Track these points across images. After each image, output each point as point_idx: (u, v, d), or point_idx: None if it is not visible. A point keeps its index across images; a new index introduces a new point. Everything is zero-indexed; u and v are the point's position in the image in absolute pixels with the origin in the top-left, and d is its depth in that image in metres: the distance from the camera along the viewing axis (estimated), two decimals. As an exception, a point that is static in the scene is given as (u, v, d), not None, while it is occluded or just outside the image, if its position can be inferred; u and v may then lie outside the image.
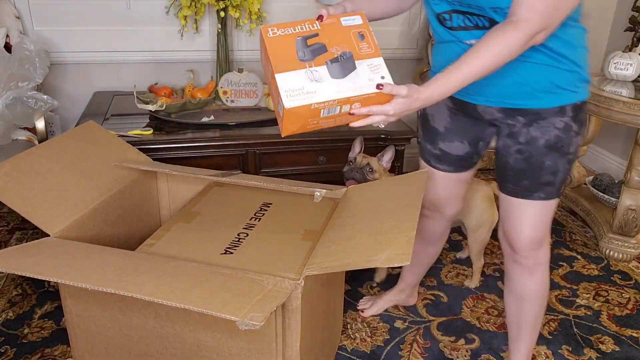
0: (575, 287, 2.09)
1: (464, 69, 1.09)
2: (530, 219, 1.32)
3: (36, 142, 2.00)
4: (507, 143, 1.29)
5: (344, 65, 1.14)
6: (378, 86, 1.10)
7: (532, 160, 1.26)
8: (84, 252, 1.25)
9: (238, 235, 1.39)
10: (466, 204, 1.83)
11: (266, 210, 1.53)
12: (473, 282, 2.06)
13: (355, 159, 1.90)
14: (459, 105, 1.36)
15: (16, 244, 2.22)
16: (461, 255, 2.27)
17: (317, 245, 1.29)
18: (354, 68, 1.14)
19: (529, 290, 1.43)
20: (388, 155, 1.91)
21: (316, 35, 1.16)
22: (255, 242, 1.37)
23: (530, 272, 1.40)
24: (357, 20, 1.23)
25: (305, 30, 1.16)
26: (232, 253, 1.31)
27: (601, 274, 2.19)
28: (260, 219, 1.48)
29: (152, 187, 1.72)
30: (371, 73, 1.15)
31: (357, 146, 1.94)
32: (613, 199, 2.38)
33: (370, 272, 2.12)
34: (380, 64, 1.17)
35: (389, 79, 1.13)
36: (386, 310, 1.91)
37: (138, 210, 1.64)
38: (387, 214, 1.32)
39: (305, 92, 1.08)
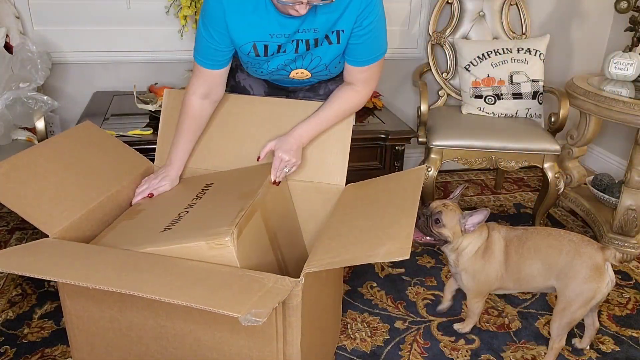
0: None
1: (322, 118, 1.53)
2: None
3: (36, 142, 2.00)
4: (307, 95, 1.72)
5: None
6: (258, 159, 1.55)
7: None
8: (84, 252, 1.25)
9: (179, 215, 1.37)
10: (564, 266, 1.57)
11: (207, 189, 1.51)
12: None
13: (430, 204, 1.63)
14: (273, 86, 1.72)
15: (16, 244, 2.22)
16: (581, 345, 1.77)
17: (317, 243, 1.29)
18: None
19: None
20: (477, 219, 1.58)
21: None
22: (194, 215, 1.36)
23: None
24: None
25: None
26: (170, 229, 1.30)
27: (601, 274, 2.19)
28: (201, 197, 1.46)
29: None
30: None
31: (456, 191, 1.70)
32: (613, 199, 2.38)
33: (370, 273, 2.12)
34: None
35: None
36: (386, 310, 1.91)
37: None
38: (386, 209, 1.34)
39: None
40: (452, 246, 1.65)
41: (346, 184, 1.61)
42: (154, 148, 1.92)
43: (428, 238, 1.64)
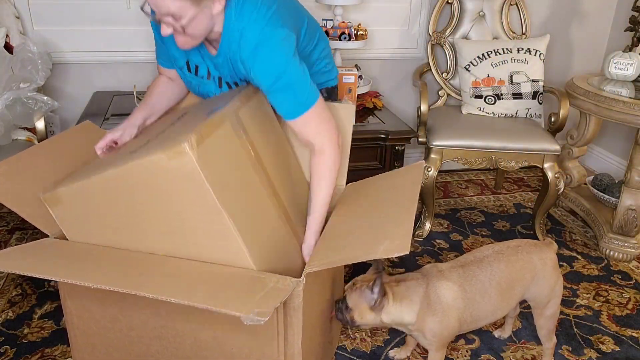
0: (575, 287, 2.09)
1: (317, 219, 1.40)
2: None
3: (36, 142, 2.00)
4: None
5: None
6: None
7: None
8: (84, 252, 1.25)
9: (147, 140, 1.31)
10: (533, 277, 1.51)
11: (182, 117, 1.45)
12: None
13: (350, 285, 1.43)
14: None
15: (16, 244, 2.22)
16: (501, 334, 1.81)
17: (318, 243, 1.28)
18: None
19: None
20: (376, 287, 1.36)
21: None
22: (161, 138, 1.29)
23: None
24: (351, 79, 1.94)
25: None
26: (135, 152, 1.23)
27: (601, 274, 2.19)
28: (174, 124, 1.38)
29: None
30: None
31: (375, 263, 1.47)
32: (613, 199, 2.38)
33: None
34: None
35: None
36: (386, 310, 1.91)
37: None
38: (385, 207, 1.32)
39: None
40: (382, 324, 1.42)
41: (346, 184, 1.62)
42: (154, 148, 1.93)
43: (351, 325, 1.42)
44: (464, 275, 1.45)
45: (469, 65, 2.46)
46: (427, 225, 2.40)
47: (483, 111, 2.47)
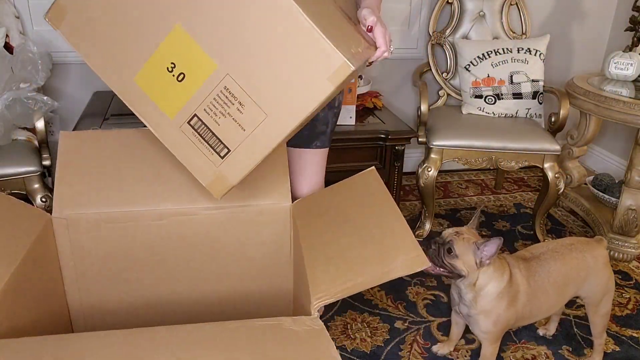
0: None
1: None
2: (312, 167, 1.48)
3: (36, 143, 2.00)
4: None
5: None
6: (368, 28, 1.23)
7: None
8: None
9: None
10: (587, 275, 1.55)
11: None
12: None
13: (443, 232, 1.47)
14: None
15: (16, 244, 2.22)
16: (546, 332, 1.83)
17: (311, 272, 1.11)
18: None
19: None
20: (491, 248, 1.38)
21: None
22: None
23: None
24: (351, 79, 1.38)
25: None
26: None
27: (601, 274, 2.19)
28: None
29: (51, 245, 1.30)
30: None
31: (474, 218, 1.52)
32: (613, 199, 2.38)
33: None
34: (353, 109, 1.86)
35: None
36: (386, 311, 1.91)
37: (40, 284, 1.22)
38: (366, 220, 1.17)
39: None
40: (468, 282, 1.45)
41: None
42: (154, 148, 1.93)
43: (440, 269, 1.44)
44: (528, 269, 1.51)
45: (469, 65, 2.46)
46: (427, 225, 2.40)
47: (483, 111, 2.47)
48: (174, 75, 1.05)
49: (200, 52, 1.02)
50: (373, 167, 1.35)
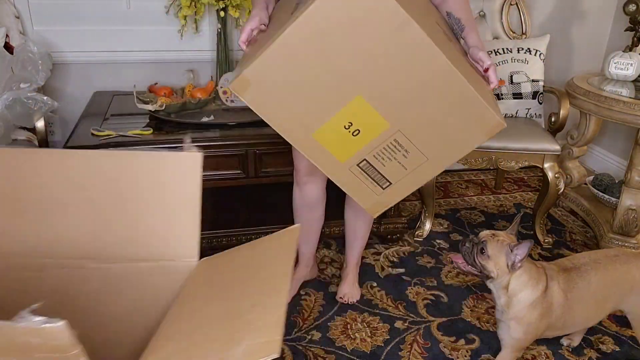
0: None
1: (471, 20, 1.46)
2: None
3: (36, 143, 2.00)
4: None
5: None
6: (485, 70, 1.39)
7: None
8: None
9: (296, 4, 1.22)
10: (631, 288, 1.49)
11: None
12: None
13: (480, 232, 1.48)
14: None
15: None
16: (570, 343, 1.78)
17: (151, 344, 0.94)
18: None
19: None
20: (523, 250, 1.38)
21: None
22: None
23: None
24: None
25: None
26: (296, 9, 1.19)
27: (601, 274, 2.19)
28: None
29: None
30: None
31: (512, 225, 1.50)
32: (613, 199, 2.38)
33: (370, 273, 2.12)
34: None
35: None
36: (386, 310, 1.91)
37: None
38: (249, 286, 1.02)
39: None
40: (499, 284, 1.45)
41: None
42: (154, 148, 1.93)
43: (471, 267, 1.45)
44: (567, 281, 1.46)
45: (469, 65, 2.46)
46: (427, 225, 2.40)
47: (483, 111, 2.46)
48: (349, 132, 1.25)
49: (376, 115, 1.22)
50: (297, 226, 1.15)
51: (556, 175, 2.27)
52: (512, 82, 2.42)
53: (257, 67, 1.18)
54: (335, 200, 2.38)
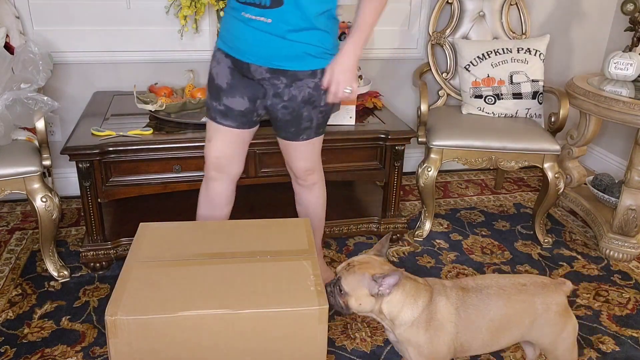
0: (575, 287, 2.09)
1: (360, 22, 1.55)
2: (301, 154, 1.72)
3: (36, 143, 2.00)
4: (275, 102, 1.61)
5: (334, 106, 1.72)
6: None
7: (294, 114, 1.61)
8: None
9: None
10: (532, 321, 1.38)
11: None
12: None
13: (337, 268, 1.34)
14: (236, 65, 1.59)
15: (16, 244, 2.22)
16: None
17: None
18: (339, 109, 1.81)
19: (311, 202, 1.86)
20: (391, 280, 1.27)
21: None
22: None
23: (309, 189, 1.82)
24: None
25: None
26: None
27: (601, 274, 2.19)
28: None
29: None
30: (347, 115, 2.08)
31: (378, 245, 1.39)
32: (613, 199, 2.38)
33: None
34: (353, 109, 2.09)
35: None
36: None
37: None
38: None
39: None
40: (371, 313, 1.33)
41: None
42: (154, 148, 1.93)
43: (340, 309, 1.31)
44: (462, 299, 1.35)
45: (469, 65, 2.46)
46: (427, 225, 2.40)
47: (483, 111, 2.47)
48: None
49: None
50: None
51: (556, 175, 2.28)
52: (512, 82, 2.42)
53: None
54: (336, 200, 2.39)
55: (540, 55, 2.43)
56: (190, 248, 1.49)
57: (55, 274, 2.00)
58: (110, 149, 1.89)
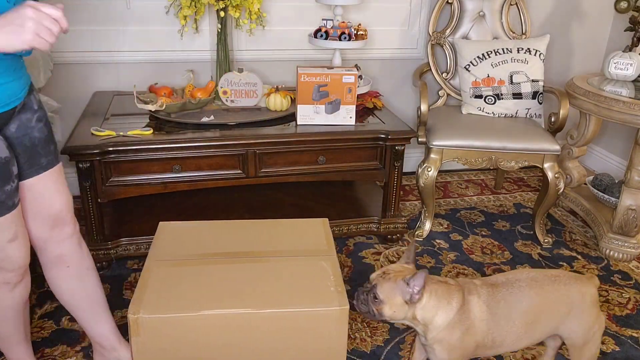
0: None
1: None
2: (62, 185, 1.35)
3: (36, 142, 2.00)
4: (26, 117, 1.24)
5: (334, 106, 2.07)
6: None
7: (49, 125, 1.30)
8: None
9: None
10: (569, 312, 1.39)
11: None
12: None
13: (371, 276, 1.35)
14: None
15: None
16: None
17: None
18: (339, 109, 2.09)
19: (88, 261, 1.45)
20: (417, 282, 1.27)
21: (326, 85, 2.03)
22: None
23: (80, 241, 1.42)
24: (351, 78, 2.05)
25: (321, 80, 2.02)
26: None
27: (601, 274, 2.19)
28: None
29: None
30: (347, 115, 2.11)
31: (407, 253, 1.40)
32: (613, 199, 2.38)
33: (370, 273, 2.11)
34: (353, 109, 2.11)
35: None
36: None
37: None
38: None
39: (309, 117, 2.09)
40: (406, 319, 1.34)
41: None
42: (154, 148, 1.93)
43: (372, 317, 1.33)
44: (492, 295, 1.36)
45: (469, 65, 2.46)
46: (427, 225, 2.40)
47: (483, 111, 2.47)
48: None
49: None
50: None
51: (556, 175, 2.28)
52: (512, 82, 2.42)
53: None
54: (336, 200, 2.39)
55: (540, 55, 2.43)
56: (209, 247, 1.50)
57: (55, 274, 2.00)
58: (110, 149, 1.89)
